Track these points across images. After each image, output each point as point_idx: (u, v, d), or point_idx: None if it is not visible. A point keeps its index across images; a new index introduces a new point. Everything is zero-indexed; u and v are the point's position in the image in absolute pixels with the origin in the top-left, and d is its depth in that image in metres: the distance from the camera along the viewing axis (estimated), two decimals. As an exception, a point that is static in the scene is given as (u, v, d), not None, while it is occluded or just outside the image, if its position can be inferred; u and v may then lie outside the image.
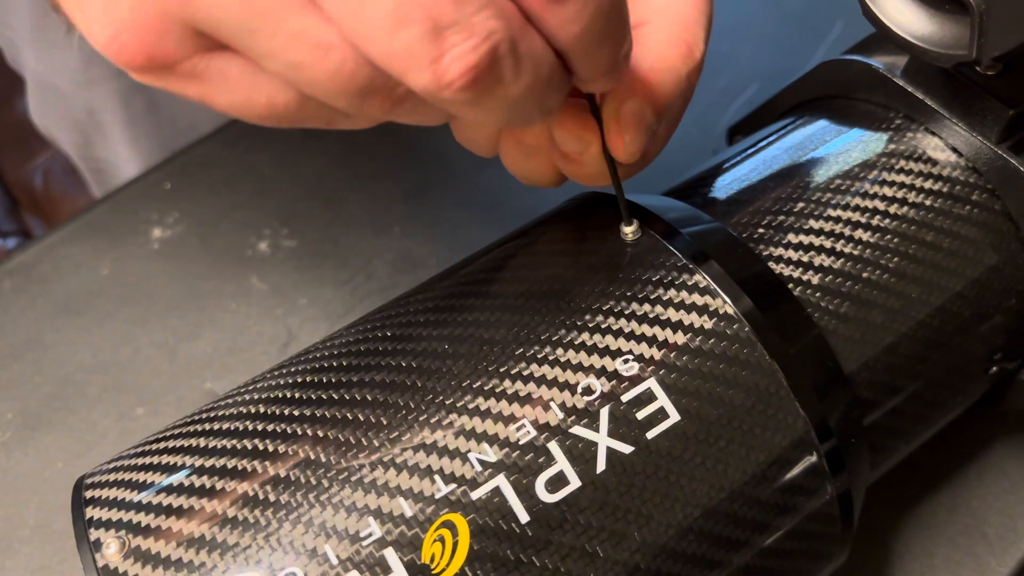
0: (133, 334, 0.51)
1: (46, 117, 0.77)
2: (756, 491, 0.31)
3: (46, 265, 0.53)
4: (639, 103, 0.31)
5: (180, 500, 0.29)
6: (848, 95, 0.41)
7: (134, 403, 0.48)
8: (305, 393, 0.31)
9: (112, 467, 0.32)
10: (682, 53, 0.31)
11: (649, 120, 0.31)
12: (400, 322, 0.33)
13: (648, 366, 0.31)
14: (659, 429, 0.30)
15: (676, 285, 0.32)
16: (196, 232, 0.54)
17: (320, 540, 0.28)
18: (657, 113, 0.31)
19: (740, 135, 0.47)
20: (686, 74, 0.31)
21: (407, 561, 0.28)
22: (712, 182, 0.39)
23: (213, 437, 0.31)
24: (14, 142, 1.11)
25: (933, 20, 0.35)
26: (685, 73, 0.31)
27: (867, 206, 0.36)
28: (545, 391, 0.30)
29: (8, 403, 0.49)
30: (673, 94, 0.31)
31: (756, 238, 0.35)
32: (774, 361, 0.32)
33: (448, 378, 0.31)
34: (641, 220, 0.34)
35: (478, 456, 0.29)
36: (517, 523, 0.29)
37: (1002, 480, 0.45)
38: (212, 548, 0.28)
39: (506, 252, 0.36)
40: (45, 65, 0.70)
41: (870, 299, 0.35)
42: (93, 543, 0.29)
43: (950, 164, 0.37)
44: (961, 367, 0.38)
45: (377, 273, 0.52)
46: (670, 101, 0.31)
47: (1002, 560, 0.43)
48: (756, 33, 0.62)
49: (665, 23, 0.31)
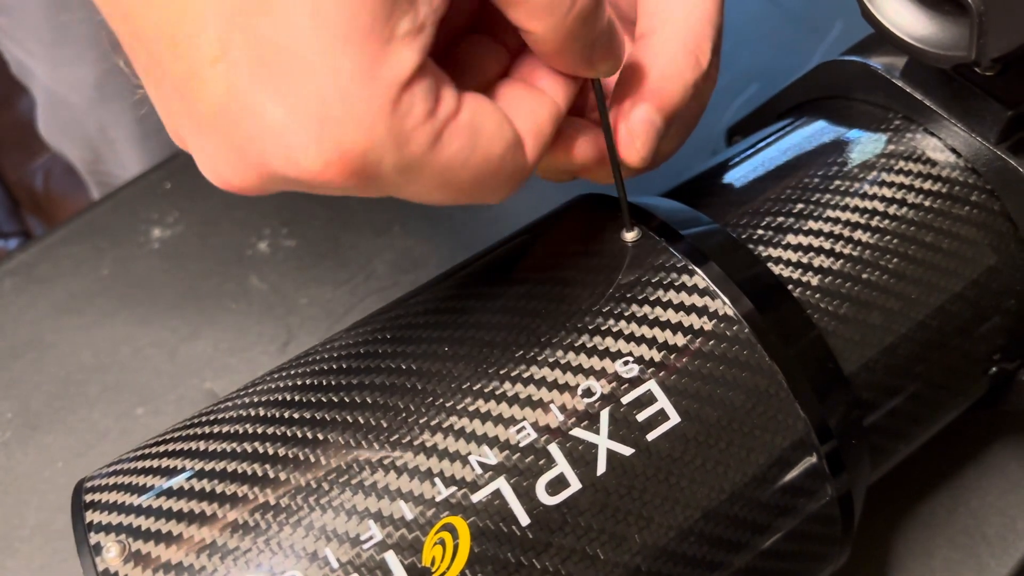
0: (133, 334, 0.51)
1: (56, 132, 0.77)
2: (756, 493, 0.31)
3: (46, 265, 0.53)
4: (649, 109, 0.32)
5: (180, 504, 0.29)
6: (847, 96, 0.41)
7: (134, 403, 0.48)
8: (305, 396, 0.31)
9: (112, 470, 0.32)
10: (689, 62, 0.32)
11: (658, 126, 0.32)
12: (400, 324, 0.33)
13: (648, 368, 0.31)
14: (659, 431, 0.30)
15: (676, 287, 0.32)
16: (196, 232, 0.54)
17: (321, 543, 0.28)
18: (666, 119, 0.32)
19: (739, 136, 0.47)
20: (693, 82, 0.32)
21: (408, 564, 0.28)
22: (711, 183, 0.39)
23: (213, 440, 0.31)
24: (15, 143, 1.11)
25: (932, 21, 0.35)
26: (692, 81, 0.32)
27: (866, 207, 0.36)
28: (545, 393, 0.30)
29: (8, 403, 0.49)
30: (681, 101, 0.32)
31: (755, 239, 0.35)
32: (774, 362, 0.32)
33: (448, 380, 0.31)
34: (641, 221, 0.34)
35: (478, 459, 0.29)
36: (518, 525, 0.29)
37: (1001, 480, 0.45)
38: (213, 552, 0.28)
39: (506, 253, 0.36)
40: (58, 81, 0.70)
41: (870, 300, 0.35)
42: (93, 547, 0.29)
43: (949, 165, 0.37)
44: (960, 368, 0.38)
45: (377, 273, 0.52)
46: (678, 108, 0.32)
47: (1001, 560, 0.44)
48: (756, 33, 0.62)
49: (673, 32, 0.32)
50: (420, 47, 0.25)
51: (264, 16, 0.23)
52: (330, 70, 0.24)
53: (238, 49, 0.24)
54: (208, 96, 0.24)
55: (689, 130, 0.35)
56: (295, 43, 0.23)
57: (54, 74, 0.70)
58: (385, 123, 0.24)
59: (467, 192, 0.27)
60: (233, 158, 0.26)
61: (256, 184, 0.26)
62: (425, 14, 0.25)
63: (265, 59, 0.24)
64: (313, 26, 0.23)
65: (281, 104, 0.24)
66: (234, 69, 0.24)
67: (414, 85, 0.25)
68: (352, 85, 0.24)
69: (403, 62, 0.24)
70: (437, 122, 0.25)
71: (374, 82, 0.24)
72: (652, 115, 0.32)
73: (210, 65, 0.24)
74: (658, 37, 0.32)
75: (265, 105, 0.24)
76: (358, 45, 0.24)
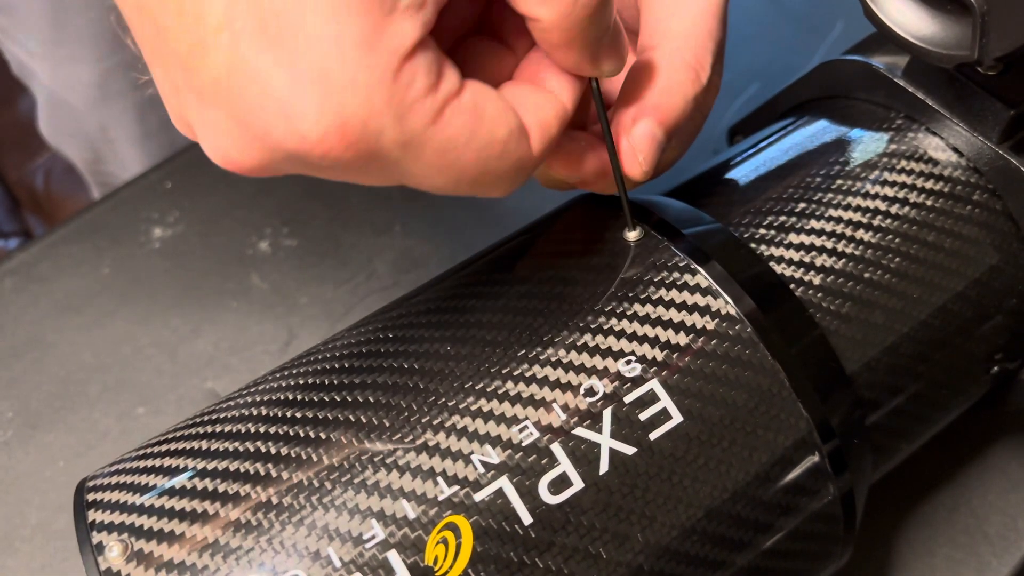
0: (134, 333, 0.51)
1: (57, 132, 0.77)
2: (759, 492, 0.31)
3: (47, 264, 0.53)
4: (651, 124, 0.32)
5: (183, 503, 0.29)
6: (849, 95, 0.41)
7: (135, 402, 0.48)
8: (307, 395, 0.31)
9: (114, 470, 0.32)
10: (690, 76, 0.33)
11: (660, 140, 0.32)
12: (402, 323, 0.33)
13: (651, 367, 0.31)
14: (662, 430, 0.30)
15: (678, 286, 0.32)
16: (197, 231, 0.54)
17: (323, 542, 0.28)
18: (668, 133, 0.32)
19: (741, 135, 0.47)
20: (694, 95, 0.33)
21: (410, 563, 0.28)
22: (713, 182, 0.39)
23: (215, 440, 0.31)
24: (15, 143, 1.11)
25: (934, 20, 0.35)
26: (693, 95, 0.33)
27: (868, 206, 0.36)
28: (548, 392, 0.30)
29: (9, 402, 0.49)
30: (683, 115, 0.33)
31: (758, 238, 0.35)
32: (776, 362, 0.32)
33: (451, 380, 0.31)
34: (643, 221, 0.34)
35: (481, 458, 0.29)
36: (520, 525, 0.29)
37: (1003, 480, 0.45)
38: (215, 551, 0.28)
39: (508, 253, 0.36)
40: (59, 81, 0.70)
41: (872, 299, 0.35)
42: (96, 546, 0.29)
43: (951, 164, 0.37)
44: (962, 367, 0.38)
45: (378, 272, 0.52)
46: (680, 121, 0.33)
47: (1003, 559, 0.44)
48: (756, 33, 0.62)
49: (674, 47, 0.33)
50: (422, 21, 0.25)
51: None
52: (332, 38, 0.24)
53: (241, 17, 0.24)
54: (212, 65, 0.25)
55: (691, 140, 0.35)
56: (298, 11, 0.24)
57: (54, 74, 0.70)
58: (386, 92, 0.25)
59: (470, 177, 0.27)
60: (236, 131, 0.26)
61: (259, 161, 0.26)
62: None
63: (268, 27, 0.24)
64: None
65: (284, 71, 0.24)
66: (238, 37, 0.24)
67: (415, 57, 0.25)
68: (354, 53, 0.24)
69: (405, 33, 0.25)
70: (438, 98, 0.26)
71: (375, 51, 0.24)
72: (654, 129, 0.32)
73: (214, 33, 0.24)
74: (659, 52, 0.33)
75: (268, 72, 0.24)
76: (360, 14, 0.24)
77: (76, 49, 0.66)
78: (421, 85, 0.25)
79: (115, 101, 0.69)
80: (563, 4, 0.26)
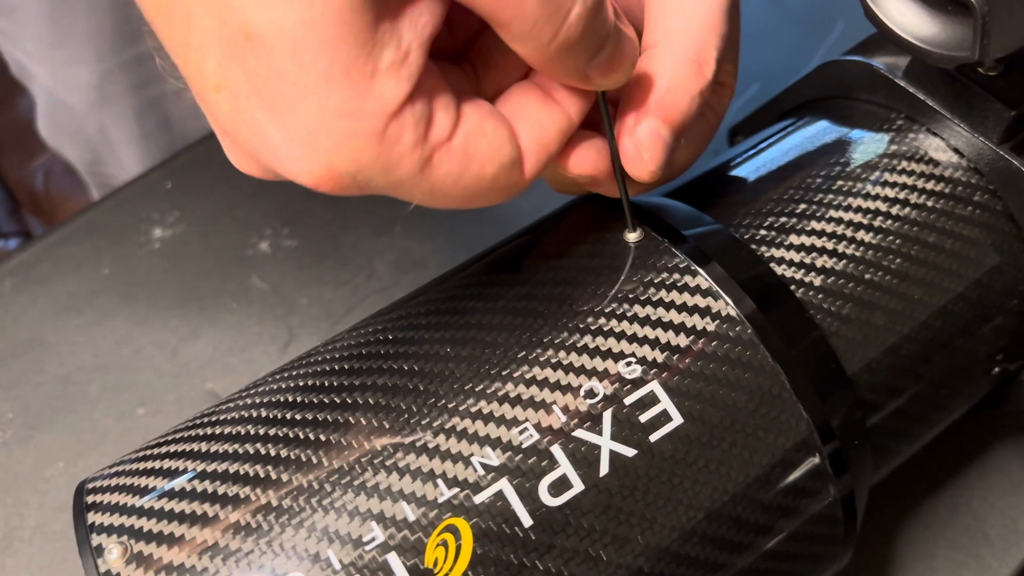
0: (134, 334, 0.51)
1: (56, 133, 0.77)
2: (759, 494, 0.31)
3: (47, 265, 0.53)
4: (655, 122, 0.31)
5: (183, 505, 0.29)
6: (849, 96, 0.41)
7: (135, 403, 0.48)
8: (307, 397, 0.31)
9: (113, 471, 0.32)
10: (693, 72, 0.32)
11: (666, 139, 0.32)
12: (402, 325, 0.33)
13: (651, 369, 0.31)
14: (662, 432, 0.30)
15: (678, 287, 0.32)
16: (197, 231, 0.54)
17: (323, 545, 0.28)
18: (674, 131, 0.32)
19: (741, 136, 0.47)
20: (699, 92, 0.32)
21: (410, 566, 0.28)
22: (714, 183, 0.39)
23: (215, 441, 0.31)
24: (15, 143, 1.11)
25: (935, 21, 0.35)
26: (698, 91, 0.32)
27: (869, 207, 0.36)
28: (548, 394, 0.30)
29: (8, 403, 0.49)
30: (688, 112, 0.32)
31: (758, 239, 0.35)
32: (776, 363, 0.32)
33: (450, 381, 0.31)
34: (643, 222, 0.34)
35: (481, 460, 0.29)
36: (520, 527, 0.29)
37: (1004, 481, 0.45)
38: (215, 553, 0.28)
39: (508, 254, 0.36)
40: (58, 82, 0.70)
41: (872, 300, 0.35)
42: (95, 548, 0.29)
43: (952, 165, 0.37)
44: (963, 368, 0.38)
45: (378, 273, 0.52)
46: (686, 119, 0.32)
47: (1003, 561, 0.43)
48: (757, 33, 0.62)
49: (677, 44, 0.32)
50: (408, 75, 0.25)
51: (252, 55, 0.24)
52: (316, 108, 0.25)
53: (236, 80, 0.25)
54: (216, 113, 0.26)
55: (707, 141, 0.35)
56: (284, 80, 0.24)
57: (54, 75, 0.70)
58: (372, 152, 0.25)
59: (457, 204, 0.28)
60: (244, 159, 0.28)
61: (270, 178, 0.28)
62: (409, 40, 0.25)
63: (260, 90, 0.25)
64: (296, 66, 0.24)
65: (277, 128, 0.25)
66: (236, 95, 0.25)
67: (402, 114, 0.25)
68: (339, 122, 0.25)
69: (389, 93, 0.25)
70: (427, 147, 0.26)
71: (359, 117, 0.25)
72: (659, 127, 0.31)
73: (214, 91, 0.25)
74: (660, 49, 0.32)
75: (264, 126, 0.25)
76: (342, 82, 0.24)
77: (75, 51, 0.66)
78: (409, 139, 0.26)
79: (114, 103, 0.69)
80: (536, 43, 0.26)
